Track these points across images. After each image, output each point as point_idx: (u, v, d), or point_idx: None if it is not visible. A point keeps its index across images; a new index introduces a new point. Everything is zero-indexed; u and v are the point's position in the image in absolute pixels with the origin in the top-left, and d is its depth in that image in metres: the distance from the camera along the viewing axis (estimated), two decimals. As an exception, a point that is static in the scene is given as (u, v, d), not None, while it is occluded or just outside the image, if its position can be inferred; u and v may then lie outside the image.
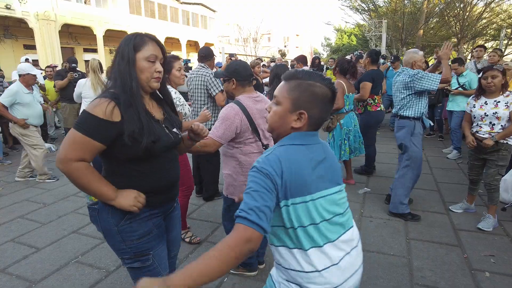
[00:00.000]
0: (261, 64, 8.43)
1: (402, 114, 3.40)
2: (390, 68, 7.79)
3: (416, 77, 3.20)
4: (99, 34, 20.62)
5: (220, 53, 24.08)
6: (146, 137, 1.35)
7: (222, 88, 3.49)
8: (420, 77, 3.19)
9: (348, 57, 9.63)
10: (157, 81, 1.45)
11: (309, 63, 8.93)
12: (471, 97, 3.35)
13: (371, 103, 4.63)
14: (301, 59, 5.58)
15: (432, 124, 3.83)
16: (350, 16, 32.35)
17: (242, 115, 2.17)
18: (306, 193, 1.06)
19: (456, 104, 5.39)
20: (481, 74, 3.19)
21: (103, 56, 21.08)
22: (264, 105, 2.31)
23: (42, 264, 2.76)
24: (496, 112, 3.08)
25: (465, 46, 20.28)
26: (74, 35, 20.97)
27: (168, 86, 2.59)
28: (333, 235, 1.12)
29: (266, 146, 2.30)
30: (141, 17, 23.89)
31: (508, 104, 3.02)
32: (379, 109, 4.64)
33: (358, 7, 18.79)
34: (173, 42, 27.45)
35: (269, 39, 43.25)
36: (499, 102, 3.08)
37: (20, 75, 4.54)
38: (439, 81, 3.14)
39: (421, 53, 3.42)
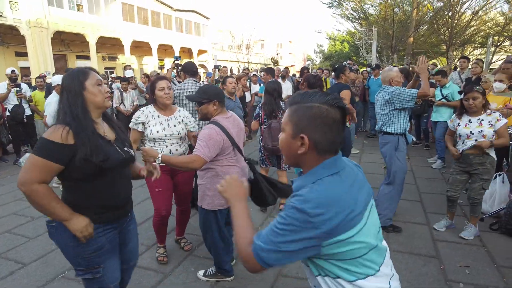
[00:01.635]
0: (252, 74, 8.55)
1: (385, 130, 3.51)
2: (371, 77, 7.93)
3: (395, 93, 3.32)
4: (92, 41, 20.62)
5: (213, 59, 24.23)
6: (96, 157, 1.53)
7: None
8: (398, 93, 3.30)
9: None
10: (109, 100, 1.72)
11: (289, 74, 9.04)
12: (454, 115, 3.45)
13: None
14: (269, 71, 5.77)
15: (414, 139, 3.94)
16: (341, 24, 33.01)
17: (223, 134, 2.35)
18: (358, 223, 1.02)
19: (439, 115, 5.53)
20: (462, 95, 3.29)
21: (96, 63, 21.05)
22: (236, 124, 2.55)
23: (28, 280, 2.79)
24: (481, 131, 3.15)
25: (455, 53, 20.63)
26: (66, 42, 20.94)
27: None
28: (379, 260, 1.09)
29: (248, 160, 2.56)
30: (134, 24, 23.95)
31: (493, 123, 3.12)
32: None
33: (349, 15, 19.08)
34: (166, 49, 27.53)
35: (262, 46, 43.54)
36: (482, 120, 3.16)
37: (54, 86, 5.16)
38: (416, 96, 3.26)
39: (396, 69, 3.55)
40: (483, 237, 3.37)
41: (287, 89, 8.17)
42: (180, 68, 8.41)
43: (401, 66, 7.74)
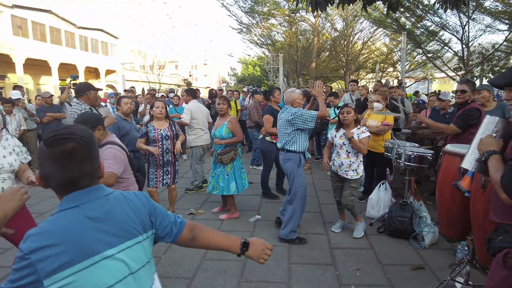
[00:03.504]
0: (160, 95, 8.33)
1: (288, 148, 3.71)
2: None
3: (297, 114, 3.56)
4: (-29, 57, 17.86)
5: (122, 78, 23.05)
6: None
7: None
8: (300, 115, 3.55)
9: (246, 88, 10.13)
10: None
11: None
12: (333, 129, 3.86)
13: None
14: (190, 92, 5.95)
15: (310, 156, 4.27)
16: (251, 49, 34.82)
17: (123, 153, 2.62)
18: (84, 259, 0.97)
19: (334, 132, 6.10)
20: (338, 110, 3.71)
21: (-22, 83, 18.25)
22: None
23: None
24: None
25: (352, 77, 23.29)
26: None
27: None
28: None
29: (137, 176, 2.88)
30: (29, 40, 21.50)
31: (359, 135, 3.63)
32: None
33: (257, 41, 20.19)
34: (69, 68, 25.25)
35: (177, 67, 43.09)
36: (353, 133, 3.65)
37: None
38: (316, 117, 3.55)
39: (298, 91, 3.83)
40: (372, 240, 3.74)
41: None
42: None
43: (303, 88, 8.36)
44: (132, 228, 1.10)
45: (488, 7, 13.49)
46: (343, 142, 3.68)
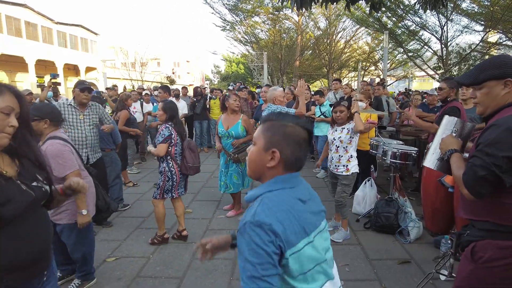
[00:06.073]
0: (144, 92, 8.20)
1: None
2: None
3: None
4: None
5: (103, 77, 22.52)
6: None
7: None
8: None
9: (231, 87, 10.10)
10: (7, 137, 1.27)
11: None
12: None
13: None
14: (165, 89, 6.03)
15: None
16: (235, 46, 34.69)
17: (67, 145, 2.47)
18: (304, 237, 1.09)
19: (320, 130, 6.18)
20: (332, 108, 3.72)
21: None
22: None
23: None
24: (340, 137, 3.60)
25: (334, 75, 23.59)
26: None
27: None
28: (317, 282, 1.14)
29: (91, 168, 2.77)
30: (3, 35, 20.72)
31: (349, 129, 3.57)
32: None
33: (241, 39, 20.15)
34: (47, 65, 24.50)
35: (159, 64, 42.44)
36: (344, 128, 3.60)
37: None
38: (294, 115, 3.58)
39: (280, 89, 3.86)
40: (359, 235, 3.81)
41: (182, 108, 8.09)
42: (57, 86, 7.51)
43: (287, 87, 8.46)
44: (323, 212, 1.25)
45: (465, 9, 13.94)
46: (334, 138, 3.65)
